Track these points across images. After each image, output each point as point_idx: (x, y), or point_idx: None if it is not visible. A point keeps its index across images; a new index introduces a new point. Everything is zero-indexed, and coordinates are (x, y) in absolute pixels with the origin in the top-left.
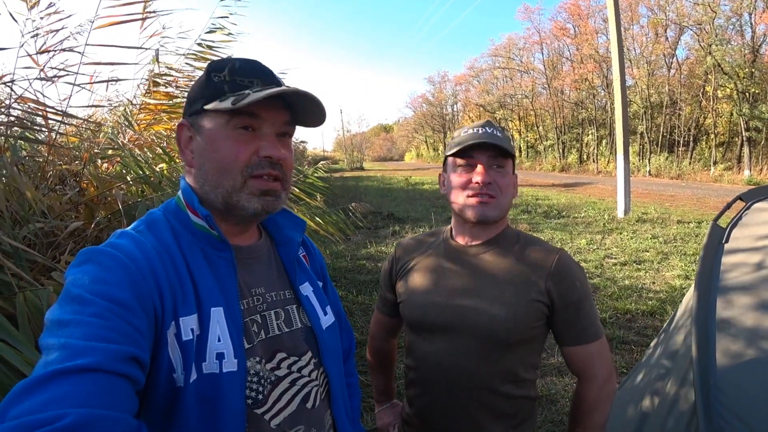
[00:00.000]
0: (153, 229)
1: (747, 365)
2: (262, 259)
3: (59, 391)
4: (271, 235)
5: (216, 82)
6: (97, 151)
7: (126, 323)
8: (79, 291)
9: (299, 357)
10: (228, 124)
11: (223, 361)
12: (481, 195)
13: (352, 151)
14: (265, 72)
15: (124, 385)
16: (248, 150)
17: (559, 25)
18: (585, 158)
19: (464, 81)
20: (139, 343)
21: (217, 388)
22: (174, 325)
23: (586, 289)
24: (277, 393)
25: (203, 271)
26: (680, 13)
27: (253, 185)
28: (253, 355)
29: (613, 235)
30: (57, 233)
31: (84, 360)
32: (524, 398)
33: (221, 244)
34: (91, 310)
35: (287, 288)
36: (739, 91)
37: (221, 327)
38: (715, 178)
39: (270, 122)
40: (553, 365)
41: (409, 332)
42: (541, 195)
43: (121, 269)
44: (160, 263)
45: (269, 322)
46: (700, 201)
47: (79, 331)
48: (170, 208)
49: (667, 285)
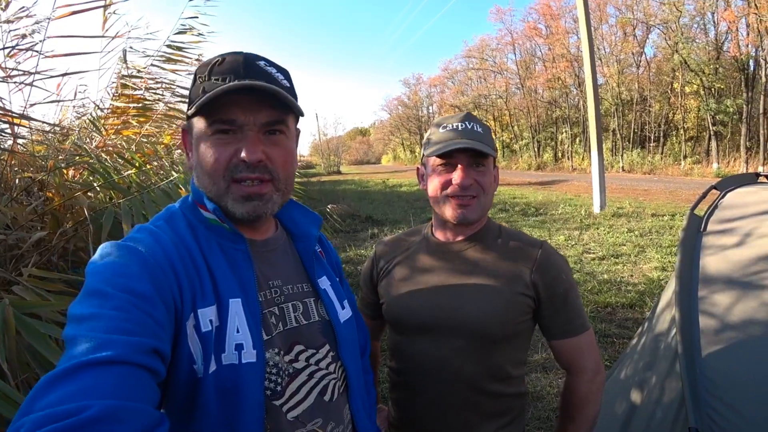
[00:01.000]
0: (171, 223)
1: (731, 351)
2: (278, 252)
3: (83, 383)
4: (288, 229)
5: (198, 83)
6: (63, 158)
7: (147, 316)
8: (101, 285)
9: (317, 350)
10: (208, 129)
11: (243, 351)
12: (462, 197)
13: (329, 155)
14: (244, 65)
15: (146, 377)
16: (226, 153)
17: (531, 25)
18: (560, 156)
19: (439, 82)
20: (159, 335)
21: (236, 378)
22: (193, 316)
23: (571, 281)
24: (296, 385)
25: (221, 264)
26: (647, 13)
27: (234, 190)
28: (271, 347)
29: (591, 230)
30: (20, 245)
31: (107, 352)
32: (514, 395)
33: (236, 237)
34: (113, 304)
35: (305, 281)
36: (705, 87)
37: (240, 318)
38: (685, 171)
39: (248, 122)
40: (537, 362)
41: (393, 333)
42: (517, 193)
43: (140, 263)
44: (178, 256)
45: (287, 314)
46: (672, 194)
47: (102, 325)
48: (187, 203)
49: (645, 277)
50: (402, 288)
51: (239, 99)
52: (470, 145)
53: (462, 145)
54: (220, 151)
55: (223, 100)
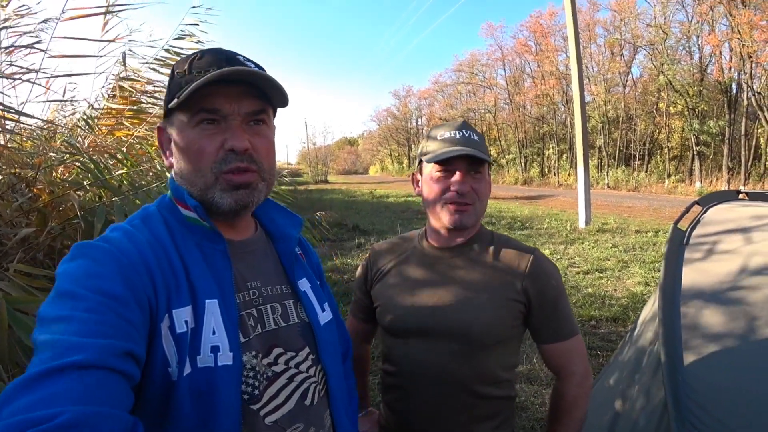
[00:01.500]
0: (147, 222)
1: (712, 361)
2: (257, 253)
3: (54, 388)
4: (268, 230)
5: (177, 78)
6: (53, 155)
7: (120, 317)
8: (72, 286)
9: (297, 352)
10: (191, 121)
11: (218, 354)
12: (459, 203)
13: (317, 164)
14: (224, 58)
15: (119, 381)
16: (213, 145)
17: (521, 41)
18: (546, 171)
19: (429, 95)
20: (133, 337)
21: (212, 382)
22: (168, 317)
23: (561, 287)
24: (275, 389)
25: (198, 264)
26: (634, 34)
27: (223, 181)
28: (249, 350)
29: (576, 245)
30: (5, 242)
31: (79, 356)
32: (504, 398)
33: (215, 236)
34: (85, 305)
35: (284, 283)
36: (689, 107)
37: (216, 320)
38: (669, 190)
39: (232, 112)
40: (522, 372)
41: (386, 337)
42: (504, 207)
43: (113, 263)
44: (154, 256)
45: (265, 316)
46: (656, 211)
47: (73, 327)
48: (164, 202)
49: (629, 292)
50: (395, 292)
51: (223, 90)
52: (468, 152)
53: (461, 152)
54: (206, 142)
55: (207, 91)
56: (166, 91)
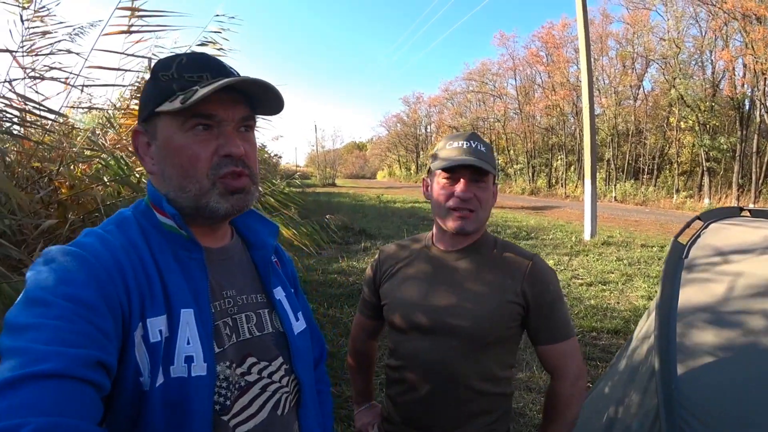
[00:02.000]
0: (122, 228)
1: (706, 372)
2: (233, 261)
3: (20, 398)
4: (245, 237)
5: (164, 81)
6: (76, 150)
7: (91, 326)
8: (42, 293)
9: (270, 362)
10: (183, 126)
11: (192, 364)
12: (462, 210)
13: (325, 167)
14: (214, 65)
15: (88, 392)
16: (208, 150)
17: (533, 52)
18: (554, 182)
19: (438, 103)
20: (104, 346)
21: (184, 392)
22: (141, 326)
23: (558, 292)
24: (247, 399)
25: (173, 272)
26: (647, 47)
27: (221, 186)
28: (223, 360)
29: (580, 256)
30: (26, 232)
31: (47, 365)
32: (500, 395)
33: (191, 245)
34: (55, 313)
35: (260, 291)
36: (701, 123)
37: (191, 329)
38: (677, 205)
39: (226, 118)
40: (521, 380)
41: (392, 333)
42: (510, 217)
43: (86, 269)
44: (128, 263)
45: (240, 325)
46: (663, 226)
47: (43, 335)
48: (140, 208)
49: (631, 305)
50: (403, 291)
51: (218, 96)
52: (472, 162)
53: (464, 162)
54: (201, 147)
55: (206, 97)
56: (148, 93)
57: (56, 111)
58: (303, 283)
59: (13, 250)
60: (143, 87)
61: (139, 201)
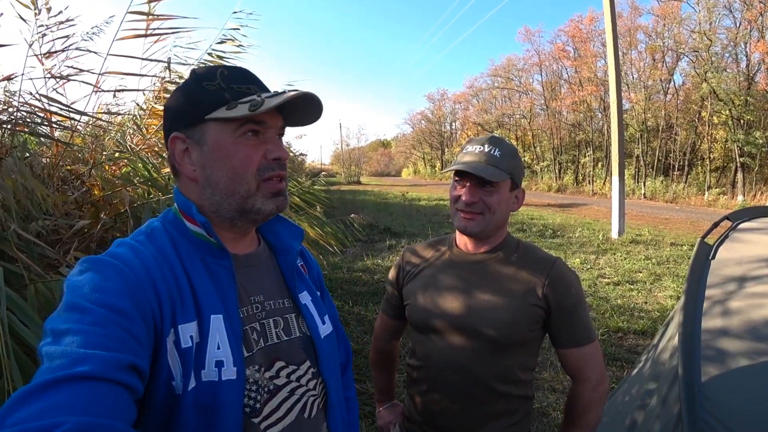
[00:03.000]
0: (152, 238)
1: (730, 375)
2: (261, 267)
3: (58, 398)
4: (270, 243)
5: (211, 90)
6: (105, 153)
7: (124, 332)
8: (79, 300)
9: (298, 366)
10: (236, 132)
11: (222, 369)
12: (466, 212)
13: (350, 165)
14: (253, 77)
15: (122, 394)
16: (258, 154)
17: (559, 47)
18: (581, 179)
19: (463, 99)
20: (137, 351)
21: (215, 396)
22: (173, 332)
23: (580, 296)
24: (276, 402)
25: (203, 279)
26: (677, 40)
27: (266, 188)
28: (252, 364)
29: (607, 255)
30: (61, 232)
31: (83, 368)
32: (521, 398)
33: (220, 252)
34: (90, 319)
35: (286, 296)
36: (734, 117)
37: (221, 335)
38: (709, 202)
39: (273, 125)
40: (545, 380)
41: (414, 333)
42: (536, 215)
43: (120, 278)
44: (159, 272)
45: (268, 330)
46: (693, 224)
47: (79, 340)
48: (168, 217)
49: (659, 305)
50: (425, 292)
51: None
52: (472, 171)
53: (465, 169)
54: (253, 151)
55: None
56: (192, 100)
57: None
58: (328, 282)
59: (48, 250)
60: (176, 95)
61: (167, 210)
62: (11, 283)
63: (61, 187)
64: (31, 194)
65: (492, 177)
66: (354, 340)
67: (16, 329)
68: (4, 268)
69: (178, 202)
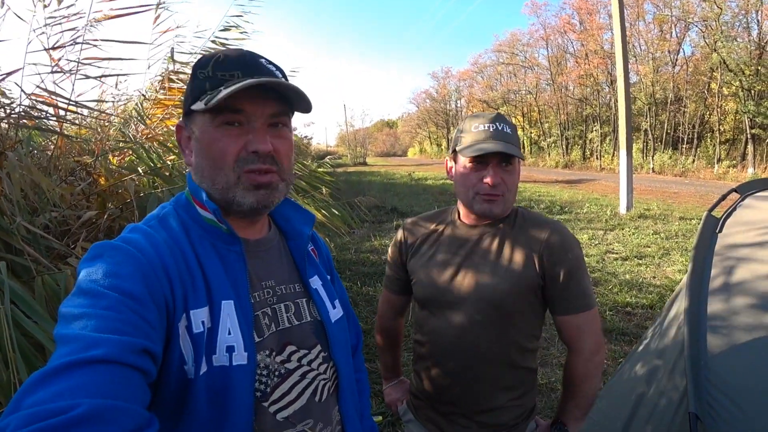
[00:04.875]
0: (164, 223)
1: (736, 349)
2: (272, 252)
3: (73, 381)
4: (281, 228)
5: (201, 79)
6: (110, 143)
7: (138, 316)
8: (92, 285)
9: (309, 350)
10: (213, 122)
11: (233, 354)
12: (490, 195)
13: (356, 147)
14: (248, 62)
15: (136, 377)
16: (236, 146)
17: (565, 19)
18: (588, 155)
19: (468, 77)
20: (150, 335)
21: (226, 380)
22: (185, 317)
23: (578, 261)
24: (287, 386)
25: (214, 265)
26: (686, 10)
27: (245, 180)
28: (263, 348)
29: (615, 230)
30: (69, 222)
31: (97, 351)
32: (526, 369)
33: (231, 238)
34: (104, 303)
35: (297, 281)
36: (745, 88)
37: (231, 320)
38: (719, 175)
39: (255, 113)
40: (553, 355)
41: (419, 309)
42: (543, 191)
43: (132, 263)
44: (171, 257)
45: (279, 314)
46: (703, 198)
47: (93, 324)
48: (180, 202)
49: (668, 279)
50: (427, 266)
51: (247, 92)
52: (502, 149)
53: (494, 149)
54: (230, 142)
55: (234, 94)
56: (188, 90)
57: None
58: (336, 263)
59: (56, 243)
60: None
61: (180, 194)
62: (19, 276)
63: (67, 178)
64: (37, 187)
65: (517, 154)
66: (363, 320)
67: (20, 322)
68: (11, 260)
69: (190, 187)
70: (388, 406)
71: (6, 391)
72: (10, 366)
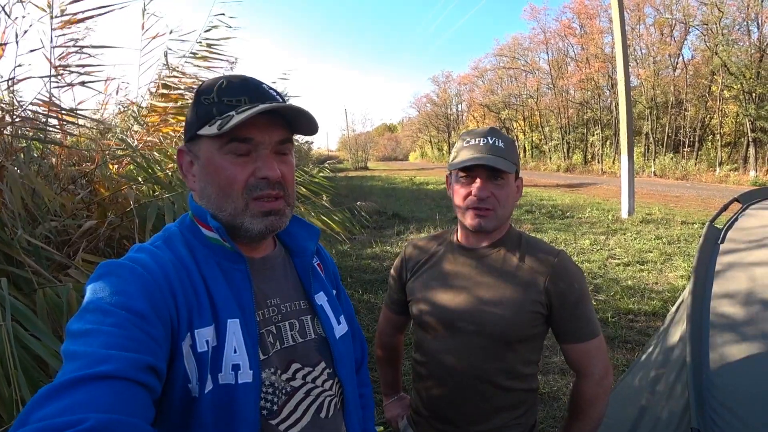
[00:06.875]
0: (169, 243)
1: (738, 362)
2: (277, 270)
3: (80, 396)
4: (286, 244)
5: (206, 105)
6: (108, 152)
7: (144, 333)
8: (99, 302)
9: (313, 367)
10: (222, 149)
11: (239, 372)
12: (479, 209)
13: (357, 151)
14: (252, 88)
15: (141, 393)
16: (245, 173)
17: (566, 24)
18: (590, 159)
19: (469, 81)
20: (156, 352)
21: (232, 398)
22: (189, 336)
23: (583, 291)
24: (293, 404)
25: (219, 284)
26: (686, 13)
27: (254, 207)
28: (268, 366)
29: (617, 235)
30: (70, 232)
31: (104, 367)
32: (525, 391)
33: (235, 256)
34: (111, 321)
35: (302, 298)
36: (746, 91)
37: (237, 338)
38: (720, 178)
39: (263, 141)
40: (555, 363)
41: (417, 329)
42: (545, 195)
43: (138, 282)
44: (177, 277)
45: (284, 332)
46: (704, 202)
47: (100, 340)
48: (185, 223)
49: (670, 285)
50: (428, 289)
51: (254, 119)
52: (488, 162)
53: (480, 162)
54: (238, 169)
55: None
56: (192, 116)
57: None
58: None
59: (56, 255)
60: (189, 109)
61: (184, 216)
62: (20, 288)
63: (68, 187)
64: (38, 197)
65: (506, 168)
66: (365, 329)
67: (22, 338)
68: (12, 273)
69: (192, 208)
70: (388, 421)
71: (8, 407)
72: (12, 383)
